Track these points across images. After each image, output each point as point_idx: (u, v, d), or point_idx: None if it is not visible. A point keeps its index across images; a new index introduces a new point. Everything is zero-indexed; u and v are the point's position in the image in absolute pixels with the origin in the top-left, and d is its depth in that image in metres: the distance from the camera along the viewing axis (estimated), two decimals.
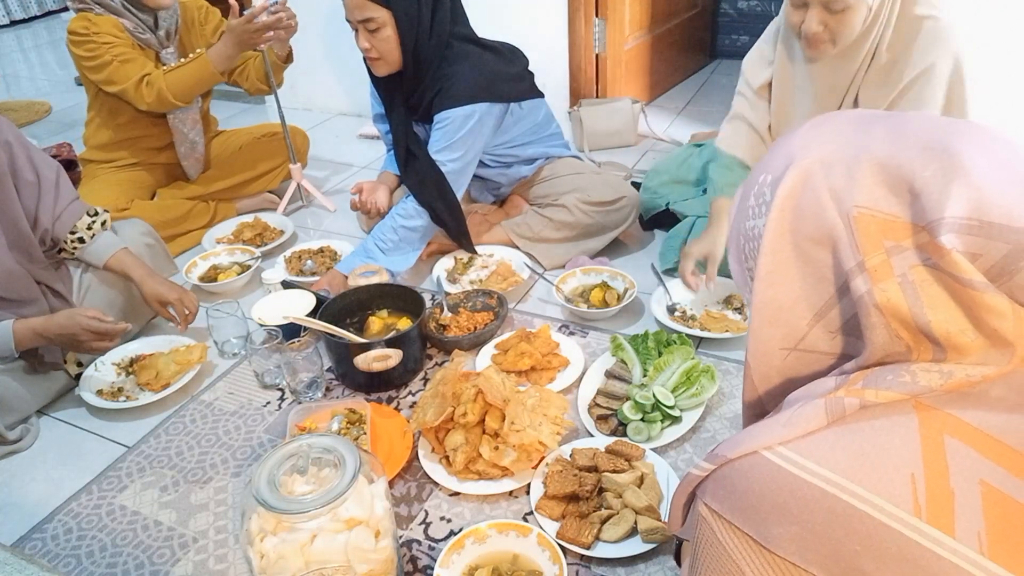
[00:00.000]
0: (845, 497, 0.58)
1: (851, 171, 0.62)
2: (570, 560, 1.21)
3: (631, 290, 1.85)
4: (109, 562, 1.29)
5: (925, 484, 0.57)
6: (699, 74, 3.72)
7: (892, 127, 0.63)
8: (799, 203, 0.65)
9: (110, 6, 2.07)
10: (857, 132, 0.64)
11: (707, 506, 0.67)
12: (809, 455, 0.61)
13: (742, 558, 0.63)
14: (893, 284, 0.61)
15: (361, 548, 1.01)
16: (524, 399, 1.38)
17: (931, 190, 0.58)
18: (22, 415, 1.62)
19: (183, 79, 2.11)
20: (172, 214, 2.31)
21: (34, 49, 5.26)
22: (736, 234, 0.74)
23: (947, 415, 0.60)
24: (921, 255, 0.60)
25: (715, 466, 0.66)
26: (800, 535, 0.59)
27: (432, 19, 1.85)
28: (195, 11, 2.29)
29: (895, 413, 0.61)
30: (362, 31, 1.84)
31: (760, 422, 0.66)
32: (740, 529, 0.63)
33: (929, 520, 0.56)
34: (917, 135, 0.61)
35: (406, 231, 1.94)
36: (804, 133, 0.68)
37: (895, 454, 0.59)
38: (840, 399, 0.62)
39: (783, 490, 0.61)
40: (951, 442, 0.58)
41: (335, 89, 3.47)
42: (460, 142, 1.90)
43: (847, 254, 0.63)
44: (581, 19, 2.85)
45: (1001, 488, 0.57)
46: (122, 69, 2.06)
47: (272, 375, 1.68)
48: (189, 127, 2.29)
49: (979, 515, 0.56)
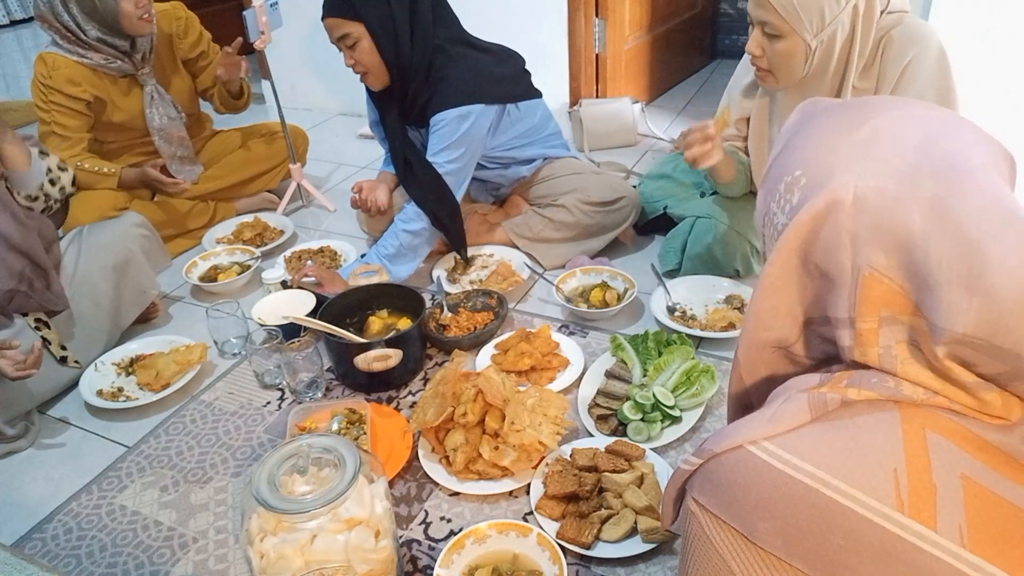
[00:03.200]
0: (828, 492, 0.58)
1: (879, 227, 0.59)
2: (570, 560, 1.21)
3: (631, 290, 1.85)
4: (109, 562, 1.29)
5: (907, 479, 0.57)
6: (699, 74, 3.72)
7: (940, 193, 0.57)
8: (818, 228, 0.63)
9: (80, 39, 2.03)
10: (905, 180, 0.59)
11: (695, 501, 0.67)
12: (793, 450, 0.61)
13: (729, 553, 0.64)
14: (874, 352, 0.62)
15: (361, 548, 1.01)
16: (524, 399, 1.38)
17: (949, 296, 0.56)
18: (22, 410, 1.62)
19: (88, 181, 2.11)
20: (172, 214, 2.31)
21: (34, 49, 5.26)
22: (762, 203, 0.73)
23: (929, 411, 0.60)
24: (912, 335, 0.60)
25: (703, 460, 0.67)
26: (784, 529, 0.60)
27: (412, 25, 1.84)
28: (173, 23, 2.26)
29: (878, 410, 0.61)
30: (344, 49, 1.86)
31: (746, 417, 0.67)
32: (727, 523, 0.64)
33: (911, 514, 0.56)
34: (958, 221, 0.56)
35: (408, 235, 1.93)
36: (856, 147, 0.63)
37: (878, 449, 0.59)
38: (823, 395, 0.63)
39: (767, 485, 0.61)
40: (933, 437, 0.59)
41: (335, 89, 3.47)
42: (457, 143, 1.89)
43: (843, 303, 0.63)
44: (581, 19, 2.85)
45: (981, 482, 0.57)
46: (53, 140, 2.09)
47: (272, 375, 1.68)
48: (175, 145, 2.28)
49: (960, 509, 0.56)
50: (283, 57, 3.34)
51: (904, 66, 1.47)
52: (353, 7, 1.78)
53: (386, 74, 1.90)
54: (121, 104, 2.15)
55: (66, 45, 2.04)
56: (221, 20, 3.40)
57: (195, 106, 2.42)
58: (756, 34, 1.48)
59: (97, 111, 2.12)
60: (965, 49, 2.19)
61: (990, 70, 2.21)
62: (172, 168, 2.29)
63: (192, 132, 2.40)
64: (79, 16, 1.99)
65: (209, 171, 2.43)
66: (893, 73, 1.49)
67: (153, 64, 2.20)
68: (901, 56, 1.47)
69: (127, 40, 2.09)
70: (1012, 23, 2.13)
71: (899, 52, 1.48)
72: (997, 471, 0.58)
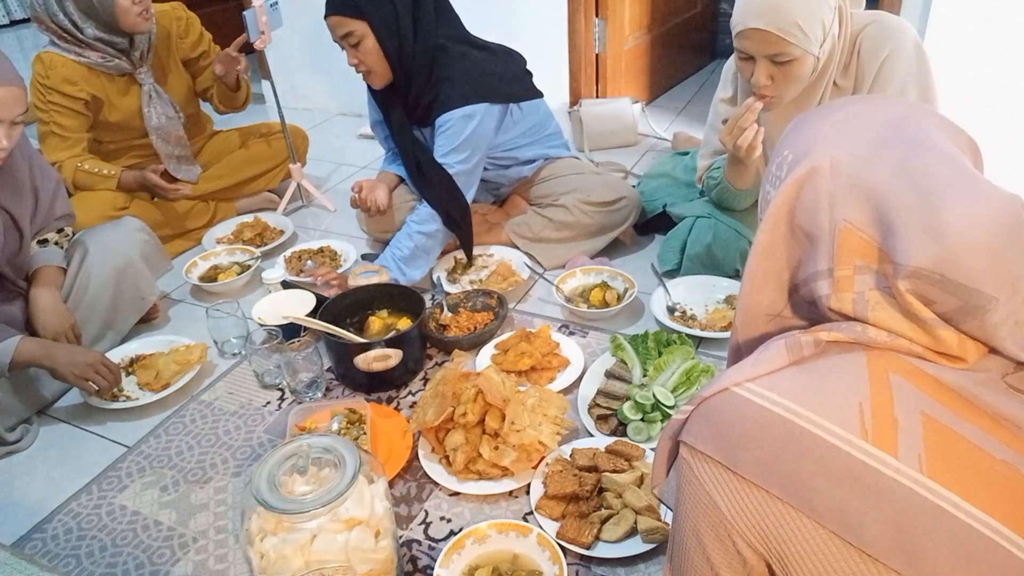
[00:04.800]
0: (801, 423, 0.65)
1: (852, 186, 0.68)
2: (570, 560, 1.21)
3: (631, 290, 1.85)
4: (109, 562, 1.29)
5: (871, 412, 0.64)
6: (699, 74, 3.72)
7: (903, 156, 0.67)
8: (801, 194, 0.72)
9: (77, 38, 2.03)
10: (875, 147, 0.69)
11: (686, 444, 0.73)
12: (772, 388, 0.68)
13: (714, 487, 0.69)
14: (848, 297, 0.70)
15: (361, 548, 1.01)
16: (524, 399, 1.37)
17: (908, 236, 0.64)
18: (21, 417, 1.62)
19: (88, 182, 2.12)
20: (172, 214, 2.31)
21: (34, 49, 5.25)
22: (762, 191, 0.82)
23: (893, 356, 0.67)
24: (880, 282, 0.68)
25: (694, 406, 0.73)
26: (763, 459, 0.66)
27: (414, 23, 1.84)
28: (173, 23, 2.25)
29: (847, 352, 0.69)
30: (347, 48, 1.85)
31: (733, 366, 0.74)
32: (712, 458, 0.69)
33: (874, 443, 0.62)
34: (919, 177, 0.65)
35: (422, 236, 1.92)
36: (834, 125, 0.73)
37: (845, 387, 0.66)
38: (797, 338, 0.71)
39: (749, 419, 0.67)
40: (895, 378, 0.66)
41: (335, 89, 3.47)
42: (465, 143, 1.89)
43: (824, 256, 0.70)
44: (581, 19, 2.85)
45: (939, 419, 0.63)
46: (52, 140, 2.08)
47: (272, 375, 1.68)
48: (173, 145, 2.28)
49: (919, 441, 0.62)
50: (283, 57, 3.34)
51: (881, 62, 1.48)
52: (357, 5, 1.77)
53: (389, 73, 1.89)
54: (118, 103, 2.15)
55: (64, 45, 2.04)
56: (221, 20, 3.41)
57: (194, 106, 2.42)
58: (765, 66, 1.44)
59: (95, 110, 2.12)
60: (965, 49, 2.20)
61: (990, 70, 2.21)
62: (170, 168, 2.29)
63: (192, 132, 2.40)
64: (76, 15, 1.99)
65: (209, 171, 2.43)
66: (871, 69, 1.49)
67: (151, 63, 2.19)
68: (878, 52, 1.48)
69: (125, 38, 2.09)
70: (1011, 22, 2.14)
71: (876, 48, 1.48)
72: (954, 411, 0.64)
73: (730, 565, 0.69)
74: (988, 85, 2.22)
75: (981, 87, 2.23)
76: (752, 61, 1.47)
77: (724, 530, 0.68)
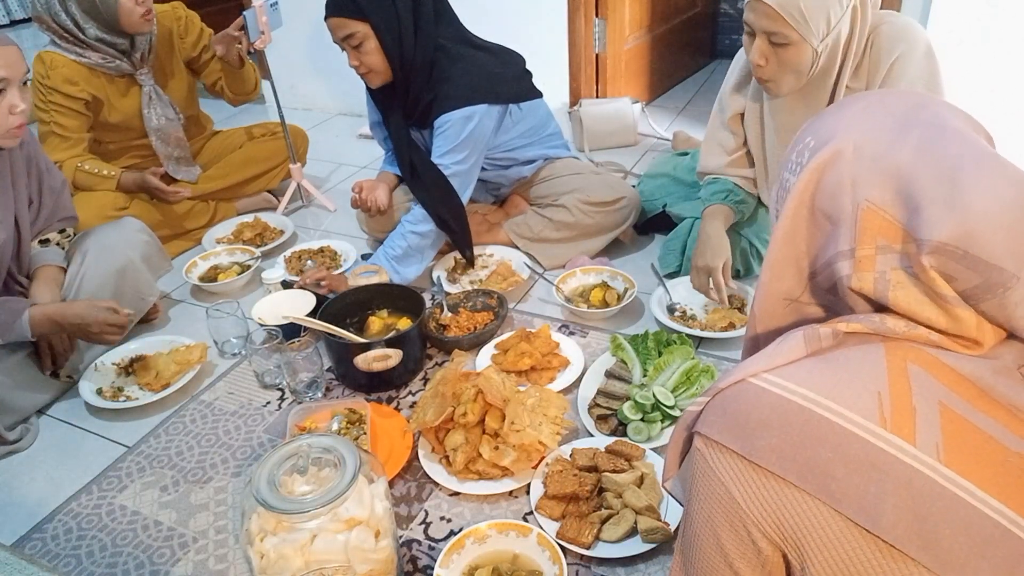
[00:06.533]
0: (819, 411, 0.65)
1: (875, 167, 0.69)
2: (570, 560, 1.21)
3: (631, 290, 1.85)
4: (109, 562, 1.29)
5: (890, 401, 0.64)
6: (699, 74, 3.72)
7: (926, 137, 0.68)
8: (824, 177, 0.72)
9: (78, 38, 2.03)
10: (896, 131, 0.69)
11: (701, 435, 0.72)
12: (790, 378, 0.68)
13: (730, 478, 0.68)
14: (870, 276, 0.69)
15: (361, 548, 1.01)
16: (524, 399, 1.37)
17: (931, 212, 0.64)
18: (21, 416, 1.62)
19: (88, 183, 2.12)
20: (172, 214, 2.31)
21: (34, 49, 5.25)
22: (778, 180, 0.82)
23: (911, 346, 0.68)
24: (903, 261, 0.67)
25: (709, 397, 0.73)
26: (780, 447, 0.65)
27: (415, 23, 1.83)
28: (173, 23, 2.25)
29: (865, 343, 0.69)
30: (348, 49, 1.84)
31: (749, 358, 0.74)
32: (728, 448, 0.69)
33: (893, 430, 0.63)
34: (941, 156, 0.66)
35: (415, 237, 1.92)
36: (856, 113, 0.73)
37: (864, 376, 0.66)
38: (816, 329, 0.71)
39: (766, 407, 0.67)
40: (914, 368, 0.66)
41: (335, 89, 3.47)
42: (463, 144, 1.89)
43: (845, 238, 0.70)
44: (581, 19, 2.85)
45: (956, 410, 0.64)
46: (53, 140, 2.08)
47: (272, 375, 1.68)
48: (172, 146, 2.28)
49: (937, 430, 0.63)
50: (283, 57, 3.34)
51: (892, 62, 1.48)
52: (359, 6, 1.77)
53: (389, 73, 1.89)
54: (118, 104, 2.15)
55: (64, 45, 2.04)
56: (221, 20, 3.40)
57: (194, 107, 2.42)
58: (760, 43, 1.46)
59: (95, 111, 2.12)
60: (965, 49, 2.20)
61: (990, 70, 2.21)
62: (169, 169, 2.28)
63: (192, 132, 2.40)
64: (78, 15, 1.99)
65: (209, 171, 2.43)
66: (881, 70, 1.49)
67: (152, 64, 2.19)
68: (889, 53, 1.48)
69: (127, 39, 2.09)
70: (1011, 23, 2.14)
71: (887, 49, 1.48)
72: (970, 402, 0.64)
73: (744, 556, 0.69)
74: (980, 89, 2.23)
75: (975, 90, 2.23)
76: (754, 38, 1.48)
77: (739, 520, 0.68)
